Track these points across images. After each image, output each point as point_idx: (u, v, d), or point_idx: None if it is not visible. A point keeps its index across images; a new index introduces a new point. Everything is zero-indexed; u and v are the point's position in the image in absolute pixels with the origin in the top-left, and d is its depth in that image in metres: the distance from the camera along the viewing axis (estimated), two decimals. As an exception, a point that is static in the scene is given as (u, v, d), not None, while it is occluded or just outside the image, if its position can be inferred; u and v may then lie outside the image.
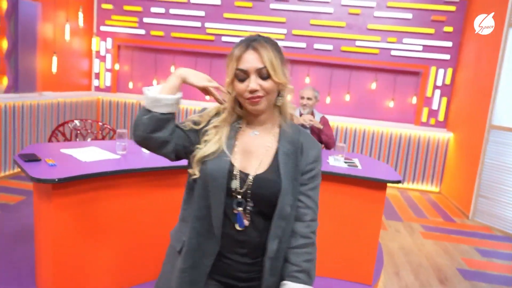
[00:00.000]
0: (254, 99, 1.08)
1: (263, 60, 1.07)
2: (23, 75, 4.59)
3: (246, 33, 4.57)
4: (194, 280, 1.12)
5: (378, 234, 2.42)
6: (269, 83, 1.08)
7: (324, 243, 2.44)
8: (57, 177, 1.71)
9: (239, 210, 1.10)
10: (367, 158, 3.03)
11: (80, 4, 5.57)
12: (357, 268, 2.45)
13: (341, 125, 5.63)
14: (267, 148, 1.15)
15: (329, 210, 2.43)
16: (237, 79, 1.09)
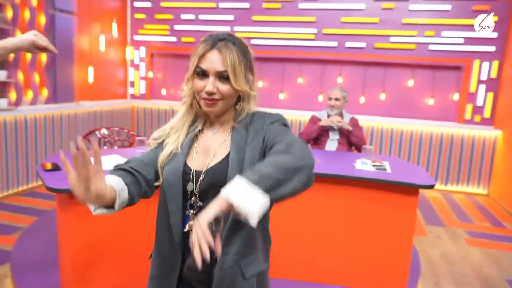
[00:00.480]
0: (210, 101, 1.04)
1: (225, 63, 1.01)
2: (61, 86, 4.80)
3: (276, 34, 4.51)
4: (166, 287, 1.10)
5: (411, 242, 2.24)
6: (227, 88, 1.03)
7: (354, 253, 2.31)
8: (73, 187, 1.72)
9: (188, 212, 1.06)
10: (399, 160, 2.83)
11: (114, 15, 5.76)
12: (389, 279, 2.28)
13: (377, 126, 5.39)
14: (223, 142, 1.10)
15: (357, 217, 2.29)
16: (196, 75, 1.05)
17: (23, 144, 4.24)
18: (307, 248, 2.38)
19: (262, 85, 5.80)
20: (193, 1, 5.80)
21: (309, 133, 3.23)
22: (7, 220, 3.46)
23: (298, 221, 2.35)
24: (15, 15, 4.10)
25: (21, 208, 3.78)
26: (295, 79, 5.68)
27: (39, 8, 4.45)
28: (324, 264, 2.38)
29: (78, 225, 1.85)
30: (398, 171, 2.37)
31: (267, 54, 5.62)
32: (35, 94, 4.46)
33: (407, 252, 2.23)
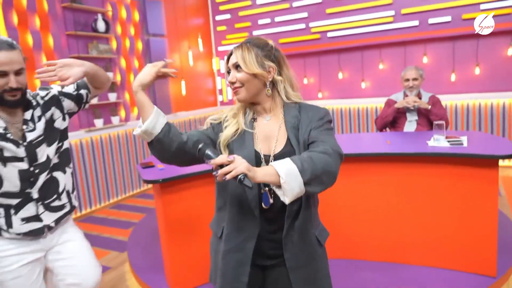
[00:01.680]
0: (235, 90, 1.25)
1: (236, 57, 1.23)
2: (160, 101, 5.47)
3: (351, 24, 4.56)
4: (239, 262, 1.23)
5: (496, 218, 2.08)
6: (241, 74, 1.22)
7: (433, 232, 2.24)
8: (162, 178, 2.06)
9: (265, 190, 1.20)
10: (481, 134, 2.63)
11: (199, 31, 6.33)
12: (476, 259, 2.15)
13: (472, 103, 4.94)
14: (279, 128, 1.26)
15: (433, 195, 2.22)
16: (227, 73, 1.29)
17: (133, 153, 4.96)
18: (384, 228, 2.38)
19: (341, 77, 5.77)
20: (268, 6, 6.06)
21: (384, 116, 3.17)
22: (125, 218, 4.11)
23: (372, 202, 2.37)
24: (118, 45, 4.84)
25: (135, 207, 4.44)
26: (375, 65, 5.53)
27: (137, 36, 5.17)
28: (402, 244, 2.35)
29: (169, 207, 2.20)
30: (476, 144, 2.22)
31: (344, 44, 5.58)
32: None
33: (492, 228, 2.08)
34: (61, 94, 1.62)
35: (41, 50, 3.97)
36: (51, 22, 4.07)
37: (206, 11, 6.55)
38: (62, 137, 1.62)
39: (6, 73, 1.38)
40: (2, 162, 1.43)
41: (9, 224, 1.49)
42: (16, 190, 1.47)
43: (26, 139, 1.48)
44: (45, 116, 1.55)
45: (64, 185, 1.61)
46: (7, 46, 1.38)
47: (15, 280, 1.50)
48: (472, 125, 5.00)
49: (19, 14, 3.79)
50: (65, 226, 1.67)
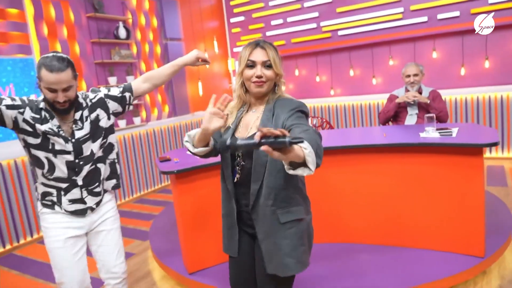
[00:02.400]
0: (259, 83, 1.43)
1: (268, 56, 1.43)
2: (178, 102, 5.78)
3: (362, 21, 4.80)
4: (230, 224, 1.55)
5: (483, 202, 2.23)
6: (271, 72, 1.44)
7: (427, 217, 2.42)
8: (176, 169, 2.32)
9: (236, 168, 1.49)
10: (475, 125, 2.78)
11: (214, 34, 6.60)
12: (466, 240, 2.31)
13: (482, 96, 5.00)
14: (256, 118, 1.49)
15: (426, 182, 2.39)
16: (247, 67, 1.45)
17: (154, 151, 5.28)
18: (380, 214, 2.56)
19: (353, 74, 5.91)
20: (280, 7, 6.26)
21: (386, 111, 3.34)
22: (147, 211, 4.43)
23: (369, 189, 2.56)
24: (138, 50, 5.17)
25: (156, 201, 4.76)
26: (386, 62, 5.65)
27: (155, 41, 5.48)
28: (397, 228, 2.53)
29: (184, 195, 2.45)
30: (464, 135, 2.38)
31: (355, 42, 5.72)
32: (159, 111, 5.50)
33: (479, 211, 2.23)
34: (107, 97, 1.87)
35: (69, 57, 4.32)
36: (77, 31, 4.42)
37: (221, 14, 6.81)
38: (107, 134, 1.88)
39: (55, 90, 1.62)
40: (53, 154, 1.73)
41: (60, 203, 1.80)
42: (65, 176, 1.77)
43: (75, 136, 1.75)
44: (91, 117, 1.81)
45: (104, 174, 1.89)
46: (57, 68, 1.58)
47: (59, 250, 1.80)
48: (482, 118, 5.06)
49: (49, 25, 4.15)
50: (106, 210, 1.94)
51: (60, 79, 1.59)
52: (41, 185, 1.81)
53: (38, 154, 1.72)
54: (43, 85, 1.63)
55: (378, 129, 3.10)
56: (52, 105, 1.68)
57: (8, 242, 3.69)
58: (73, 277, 1.82)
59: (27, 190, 3.84)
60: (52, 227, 1.82)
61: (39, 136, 1.69)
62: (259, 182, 1.42)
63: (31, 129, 1.68)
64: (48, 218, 1.82)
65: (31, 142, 1.70)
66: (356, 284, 2.16)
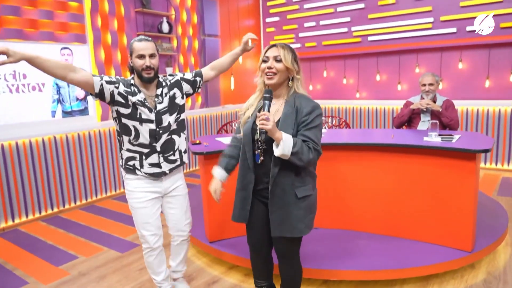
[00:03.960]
0: (270, 75, 1.76)
1: (279, 52, 1.76)
2: (211, 94, 6.20)
3: (391, 29, 5.16)
4: (244, 197, 1.87)
5: (474, 202, 2.48)
6: (280, 65, 1.75)
7: (423, 212, 2.69)
8: (206, 151, 2.71)
9: (257, 152, 1.79)
10: (478, 134, 3.01)
11: (249, 32, 6.95)
12: (456, 235, 2.57)
13: (505, 109, 5.11)
14: (276, 111, 1.81)
15: (424, 181, 2.66)
16: (263, 62, 1.80)
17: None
18: (381, 206, 2.84)
19: (379, 79, 6.12)
20: (314, 10, 6.54)
21: (401, 116, 3.59)
22: (176, 190, 4.86)
23: (374, 183, 2.84)
24: (178, 44, 5.61)
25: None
26: (412, 69, 5.83)
27: (194, 36, 5.91)
28: (395, 220, 2.80)
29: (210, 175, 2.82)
30: (463, 142, 2.62)
31: (384, 48, 5.93)
32: (193, 101, 5.93)
33: (470, 209, 2.48)
34: (182, 79, 2.26)
35: (117, 47, 4.82)
36: (126, 24, 4.91)
37: (257, 14, 7.17)
38: (180, 110, 2.24)
39: (143, 56, 2.01)
40: (140, 122, 2.07)
41: (141, 166, 2.17)
42: (147, 143, 2.11)
43: (156, 108, 2.13)
44: (169, 94, 2.16)
45: (178, 145, 2.25)
46: (144, 39, 2.05)
47: (141, 210, 2.19)
48: (503, 130, 5.17)
49: (102, 17, 4.65)
50: (177, 179, 2.30)
51: (147, 46, 2.01)
52: (126, 151, 2.14)
53: (128, 122, 2.07)
54: (134, 55, 2.03)
55: (389, 131, 3.37)
56: (140, 76, 2.04)
57: (56, 205, 4.24)
58: (152, 230, 2.21)
59: (74, 161, 4.37)
60: (135, 191, 2.18)
61: (129, 107, 2.05)
62: (278, 165, 1.75)
63: (124, 101, 2.04)
64: (131, 183, 2.19)
65: (123, 112, 2.06)
66: (353, 263, 2.48)
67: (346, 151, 2.87)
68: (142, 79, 2.07)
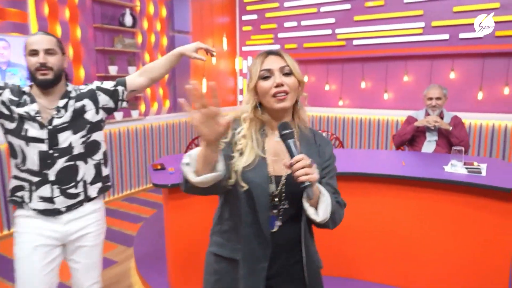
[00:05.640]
0: (281, 95, 1.16)
1: (285, 60, 1.19)
2: (180, 97, 5.51)
3: (379, 33, 4.46)
4: (254, 286, 1.17)
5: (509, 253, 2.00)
6: (292, 79, 1.18)
7: (442, 261, 2.18)
8: (170, 183, 2.06)
9: (273, 213, 1.17)
10: (503, 163, 2.53)
11: (224, 30, 6.33)
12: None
13: (498, 124, 4.77)
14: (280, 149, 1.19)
15: (446, 223, 2.16)
16: (261, 79, 1.18)
17: (149, 147, 5.02)
18: (393, 252, 2.33)
19: (364, 86, 5.67)
20: (295, 9, 6.01)
21: (403, 134, 3.10)
22: (136, 211, 4.17)
23: (384, 224, 2.32)
24: (143, 40, 4.90)
25: (147, 202, 4.50)
26: (400, 77, 5.41)
27: (162, 32, 5.21)
28: (410, 269, 2.30)
29: (176, 213, 2.21)
30: (495, 175, 2.14)
31: (370, 53, 5.48)
32: (159, 105, 5.24)
33: (505, 263, 2.01)
34: (98, 89, 1.71)
35: (69, 41, 4.06)
36: (80, 14, 4.15)
37: (233, 10, 6.55)
38: (92, 129, 1.67)
39: (36, 52, 1.55)
40: (25, 141, 1.56)
41: (30, 199, 1.60)
42: (36, 169, 1.57)
43: (52, 123, 1.57)
44: (75, 106, 1.63)
45: (83, 174, 1.65)
46: (41, 32, 1.60)
47: (26, 259, 1.57)
48: (496, 147, 4.83)
49: (50, 5, 3.88)
50: (86, 223, 1.69)
51: (42, 38, 1.57)
52: (14, 178, 1.65)
53: (13, 141, 1.59)
54: (27, 53, 1.58)
55: (394, 154, 2.85)
56: (34, 78, 1.56)
57: None
58: None
59: (9, 179, 3.59)
60: (22, 232, 1.61)
61: (14, 120, 1.57)
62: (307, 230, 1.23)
63: (7, 112, 1.57)
64: (21, 223, 1.62)
65: (7, 127, 1.59)
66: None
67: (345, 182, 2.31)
68: (36, 81, 1.56)
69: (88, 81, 4.23)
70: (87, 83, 1.77)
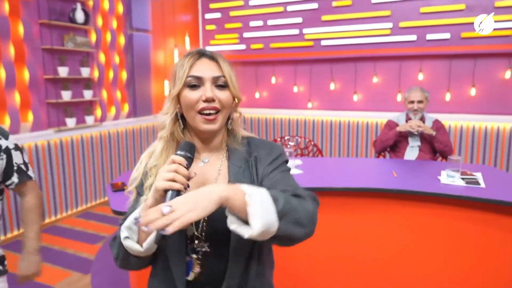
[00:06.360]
0: (210, 115, 0.92)
1: (222, 69, 0.94)
2: (140, 101, 5.10)
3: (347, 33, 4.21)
4: None
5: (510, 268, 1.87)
6: (226, 94, 0.94)
7: (445, 279, 2.01)
8: (135, 209, 1.74)
9: (191, 257, 0.93)
10: (494, 170, 2.42)
11: (186, 29, 5.98)
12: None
13: (466, 125, 4.80)
14: (218, 173, 0.97)
15: (443, 240, 1.99)
16: (187, 87, 0.93)
17: (107, 157, 4.58)
18: (383, 276, 2.13)
19: (333, 87, 5.54)
20: (261, 8, 5.77)
21: (385, 140, 2.94)
22: (93, 229, 3.73)
23: (375, 241, 2.12)
24: (98, 38, 4.45)
25: (106, 217, 4.06)
26: (369, 78, 5.33)
27: (119, 30, 4.78)
28: (411, 285, 2.12)
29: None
30: (493, 185, 2.01)
31: (338, 54, 5.36)
32: (117, 110, 4.80)
33: (506, 278, 1.87)
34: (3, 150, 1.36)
35: (9, 38, 3.55)
36: (22, 8, 3.66)
37: (195, 8, 6.21)
38: None
39: None
40: None
41: None
42: None
43: None
44: None
45: None
46: None
47: None
48: (464, 148, 4.86)
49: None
50: None
51: None
52: None
53: None
54: None
55: (382, 163, 2.68)
56: None
57: None
58: None
59: None
60: None
61: None
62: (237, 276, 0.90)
63: None
64: None
65: None
66: None
67: (329, 198, 2.09)
68: None
69: (35, 85, 3.75)
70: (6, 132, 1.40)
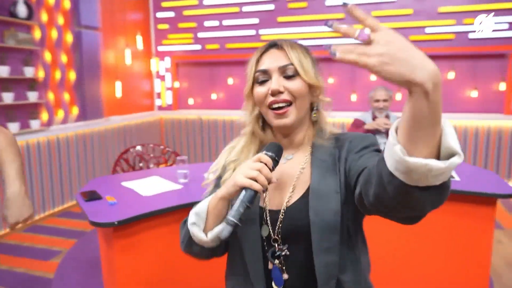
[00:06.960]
0: (280, 110, 0.85)
1: (289, 57, 0.86)
2: (90, 103, 4.77)
3: (303, 35, 4.21)
4: None
5: (489, 258, 1.98)
6: (297, 83, 0.86)
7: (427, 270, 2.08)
8: (117, 220, 1.58)
9: (274, 263, 0.85)
10: (467, 165, 2.57)
11: (138, 28, 5.71)
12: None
13: (417, 123, 5.09)
14: (300, 171, 0.89)
15: (426, 233, 2.06)
16: (257, 83, 0.88)
17: (56, 164, 4.21)
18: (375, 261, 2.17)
19: (291, 88, 5.60)
20: (216, 8, 5.68)
21: (354, 138, 3.01)
22: (44, 244, 3.39)
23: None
24: (42, 35, 4.08)
25: (58, 230, 3.72)
26: (325, 80, 5.45)
27: (66, 27, 4.43)
28: (390, 277, 2.16)
29: (124, 260, 1.70)
30: (467, 178, 2.12)
31: (295, 55, 5.43)
32: (65, 113, 4.44)
33: (485, 268, 1.98)
34: None
35: None
36: (-47, -1, 3.24)
37: (146, 6, 5.95)
38: None
39: None
40: None
41: None
42: None
43: None
44: None
45: None
46: None
47: None
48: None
49: None
50: None
51: None
52: None
53: None
54: None
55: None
56: None
57: None
58: None
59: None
60: None
61: None
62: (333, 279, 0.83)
63: None
64: None
65: None
66: None
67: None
68: None
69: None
70: None
